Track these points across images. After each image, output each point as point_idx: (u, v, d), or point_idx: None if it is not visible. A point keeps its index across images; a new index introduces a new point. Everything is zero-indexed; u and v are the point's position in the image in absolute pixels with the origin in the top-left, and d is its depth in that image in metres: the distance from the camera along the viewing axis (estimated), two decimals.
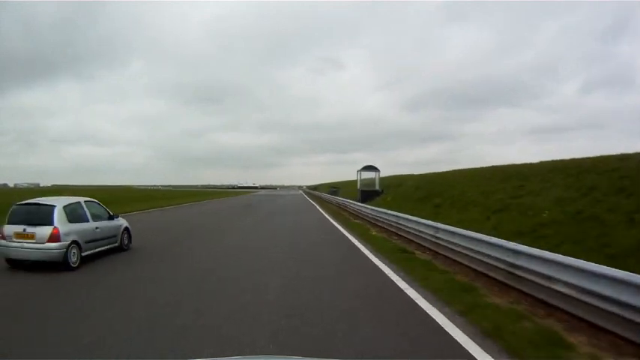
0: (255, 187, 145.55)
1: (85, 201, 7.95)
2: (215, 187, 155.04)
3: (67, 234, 6.80)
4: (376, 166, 27.62)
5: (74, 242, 6.92)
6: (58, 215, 6.85)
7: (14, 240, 6.66)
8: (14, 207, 7.13)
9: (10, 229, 6.75)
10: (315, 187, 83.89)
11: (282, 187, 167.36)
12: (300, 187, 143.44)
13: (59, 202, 7.19)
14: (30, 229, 6.66)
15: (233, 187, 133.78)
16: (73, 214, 7.28)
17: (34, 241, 6.61)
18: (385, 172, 29.77)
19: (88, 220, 7.58)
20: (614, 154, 11.49)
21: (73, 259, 6.87)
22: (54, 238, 6.61)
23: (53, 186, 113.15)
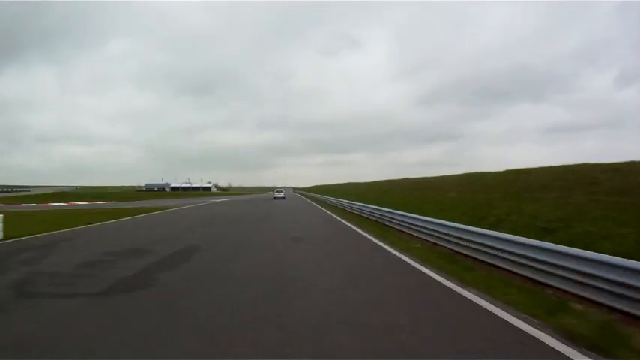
0: (208, 189, 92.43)
1: (283, 189, 47.92)
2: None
3: (284, 194, 46.68)
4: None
5: (284, 194, 46.72)
6: (284, 191, 47.14)
7: (277, 194, 46.50)
8: (276, 189, 47.84)
9: (276, 191, 47.17)
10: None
11: (263, 190, 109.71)
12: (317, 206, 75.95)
13: (283, 189, 47.73)
14: (280, 192, 46.90)
15: (163, 189, 76.16)
16: (283, 189, 47.75)
17: (280, 194, 46.49)
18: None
19: (283, 192, 47.40)
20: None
21: (284, 198, 46.30)
22: (283, 194, 46.60)
23: None
